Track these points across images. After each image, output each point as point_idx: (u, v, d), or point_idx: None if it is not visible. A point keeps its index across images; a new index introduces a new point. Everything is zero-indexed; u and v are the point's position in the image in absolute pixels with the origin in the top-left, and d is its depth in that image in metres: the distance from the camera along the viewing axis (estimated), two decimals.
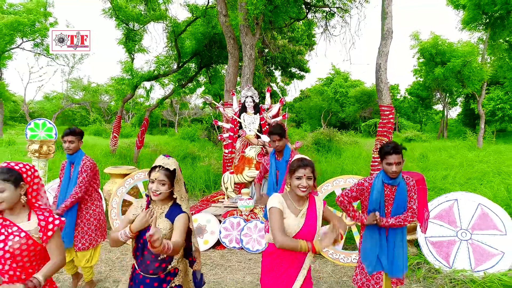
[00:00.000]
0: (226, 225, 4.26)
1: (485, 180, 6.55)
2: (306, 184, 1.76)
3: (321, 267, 3.65)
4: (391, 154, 2.10)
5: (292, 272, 1.82)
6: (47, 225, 1.59)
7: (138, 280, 1.66)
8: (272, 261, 1.87)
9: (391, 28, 5.84)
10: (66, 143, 2.91)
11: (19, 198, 1.57)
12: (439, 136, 26.59)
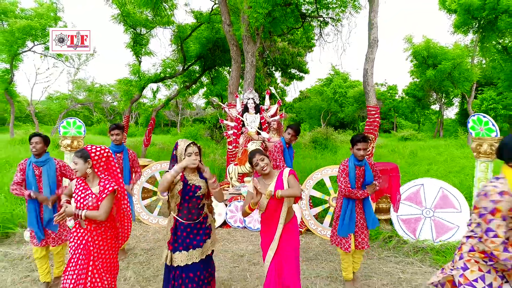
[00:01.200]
0: (231, 208, 5.00)
1: (463, 173, 7.28)
2: (263, 166, 2.47)
3: (311, 241, 4.39)
4: (360, 142, 2.84)
5: (274, 225, 2.50)
6: (104, 190, 2.31)
7: (184, 226, 2.38)
8: (262, 219, 2.60)
9: (377, 37, 6.57)
10: (114, 136, 3.68)
11: (87, 170, 2.30)
12: (436, 135, 27.26)
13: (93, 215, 2.22)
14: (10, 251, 3.88)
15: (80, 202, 2.26)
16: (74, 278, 2.26)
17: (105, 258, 2.35)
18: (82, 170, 2.26)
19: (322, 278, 3.29)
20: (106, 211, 2.24)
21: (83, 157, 2.27)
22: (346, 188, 2.89)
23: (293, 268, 2.48)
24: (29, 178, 2.95)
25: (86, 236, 2.29)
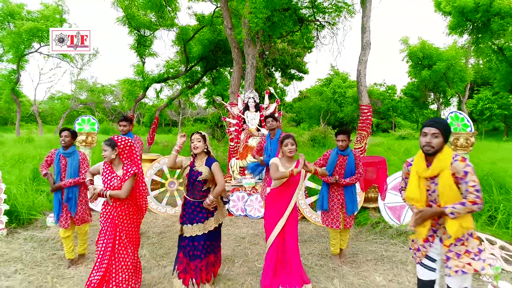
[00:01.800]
0: (233, 198, 5.45)
1: None
2: (290, 149, 2.90)
3: (306, 226, 4.83)
4: (339, 134, 3.30)
5: (283, 206, 2.94)
6: (126, 173, 2.76)
7: (190, 203, 2.83)
8: (271, 199, 3.01)
9: (369, 40, 7.00)
10: (121, 127, 4.12)
11: (114, 156, 2.74)
12: None
13: (116, 193, 2.68)
14: (36, 234, 4.32)
15: (107, 183, 2.71)
16: (104, 247, 2.71)
17: (128, 231, 2.80)
18: (110, 156, 2.71)
19: (314, 255, 3.74)
20: (127, 191, 2.69)
21: (111, 145, 2.73)
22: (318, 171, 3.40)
23: (295, 245, 2.92)
24: (55, 166, 3.39)
25: (113, 212, 2.74)
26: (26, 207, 4.77)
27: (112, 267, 2.70)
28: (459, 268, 1.99)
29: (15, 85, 18.59)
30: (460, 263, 2.00)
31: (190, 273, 2.81)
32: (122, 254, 2.76)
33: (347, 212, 3.43)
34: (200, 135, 2.85)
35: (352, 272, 3.29)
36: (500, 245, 3.67)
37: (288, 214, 2.90)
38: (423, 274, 2.20)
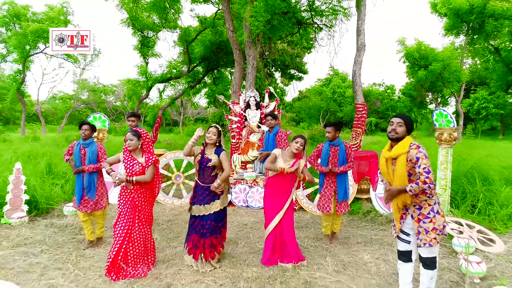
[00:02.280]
0: (235, 190, 5.83)
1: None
2: (298, 147, 3.27)
3: (303, 215, 5.21)
4: (327, 127, 3.71)
5: (283, 197, 3.32)
6: (148, 160, 3.16)
7: (200, 187, 3.21)
8: (272, 189, 3.37)
9: (364, 42, 7.38)
10: (130, 122, 4.51)
11: (138, 146, 3.14)
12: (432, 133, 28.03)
13: (142, 178, 3.09)
14: (55, 221, 4.71)
15: (129, 169, 3.10)
16: (123, 226, 3.10)
17: (145, 211, 3.20)
18: (135, 145, 3.12)
19: (310, 238, 4.12)
20: (150, 175, 3.12)
21: (137, 136, 3.13)
22: (310, 158, 3.86)
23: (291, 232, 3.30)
24: (75, 155, 3.77)
25: (133, 194, 3.13)
26: (44, 198, 5.16)
27: (130, 243, 3.09)
28: (427, 242, 2.39)
29: (20, 85, 18.98)
30: (428, 237, 2.39)
31: (200, 249, 3.20)
32: (140, 231, 3.15)
33: (338, 198, 3.81)
34: (217, 130, 3.24)
35: (343, 252, 3.67)
36: (477, 229, 4.06)
37: (286, 208, 3.28)
38: (401, 246, 2.59)
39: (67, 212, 5.02)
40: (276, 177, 3.31)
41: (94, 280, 2.96)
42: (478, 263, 2.96)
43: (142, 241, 3.16)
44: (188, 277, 3.01)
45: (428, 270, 2.46)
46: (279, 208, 3.30)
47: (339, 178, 3.83)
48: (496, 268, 3.21)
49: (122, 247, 3.04)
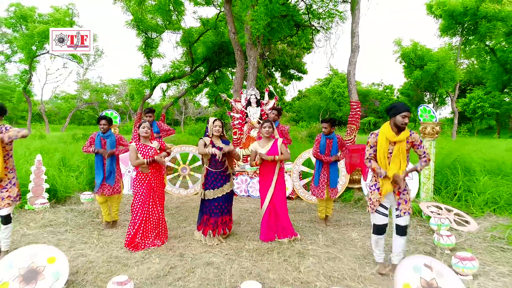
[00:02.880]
0: (237, 181, 6.30)
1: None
2: (267, 130, 3.75)
3: (300, 203, 5.69)
4: (323, 123, 4.16)
5: (270, 176, 3.79)
6: (163, 145, 3.65)
7: (212, 173, 3.67)
8: (262, 173, 3.86)
9: (358, 44, 7.84)
10: (147, 117, 4.97)
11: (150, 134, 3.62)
12: None
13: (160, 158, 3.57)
14: (74, 207, 5.18)
15: (145, 154, 3.58)
16: (140, 205, 3.57)
17: (159, 192, 3.68)
18: (148, 133, 3.60)
19: (304, 221, 4.59)
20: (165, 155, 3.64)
21: (149, 128, 3.61)
22: (316, 151, 4.25)
23: (283, 208, 3.78)
24: (96, 146, 4.23)
25: (149, 177, 3.60)
26: (62, 187, 5.63)
27: (147, 220, 3.57)
28: (406, 210, 2.86)
29: (27, 84, 19.47)
30: (407, 207, 2.87)
31: (208, 226, 3.67)
32: (154, 210, 3.63)
33: (330, 185, 4.28)
34: (221, 122, 3.72)
35: (334, 231, 4.14)
36: (455, 213, 4.52)
37: (274, 184, 3.76)
38: (379, 220, 3.04)
39: (84, 200, 5.49)
40: (263, 163, 3.79)
41: (116, 251, 3.43)
42: (448, 236, 3.43)
43: (156, 218, 3.64)
44: (197, 249, 3.47)
45: (403, 237, 2.93)
46: (269, 185, 3.78)
47: (332, 168, 4.30)
48: (466, 242, 3.67)
49: (142, 224, 3.51)
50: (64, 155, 7.45)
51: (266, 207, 3.79)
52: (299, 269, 3.01)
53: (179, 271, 2.95)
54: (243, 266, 3.04)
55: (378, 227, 3.04)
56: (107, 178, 4.20)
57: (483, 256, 3.29)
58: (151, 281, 2.75)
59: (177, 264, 3.10)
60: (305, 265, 3.08)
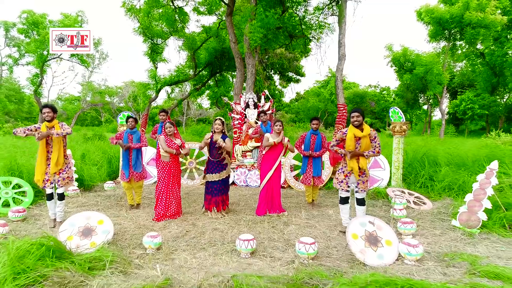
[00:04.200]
0: (237, 173, 7.29)
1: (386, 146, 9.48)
2: (278, 127, 4.74)
3: (290, 191, 6.66)
4: (313, 120, 5.13)
5: (272, 163, 4.78)
6: (183, 142, 4.64)
7: (212, 162, 4.66)
8: (267, 157, 4.83)
9: (345, 53, 8.83)
10: (161, 116, 5.96)
11: (173, 131, 4.61)
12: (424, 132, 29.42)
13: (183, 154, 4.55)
14: (100, 193, 6.17)
15: (170, 147, 4.57)
16: (164, 186, 4.56)
17: (177, 176, 4.67)
18: (172, 131, 4.58)
19: (292, 203, 5.57)
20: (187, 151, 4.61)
21: (173, 124, 4.60)
22: (297, 146, 5.23)
23: (278, 189, 4.76)
24: (124, 140, 5.21)
25: (169, 165, 4.59)
26: (88, 177, 6.63)
27: (168, 197, 4.56)
28: (363, 188, 3.84)
29: (38, 87, 20.49)
30: (364, 186, 3.85)
31: (212, 204, 4.66)
32: (173, 190, 4.62)
33: (313, 174, 5.25)
34: (221, 121, 4.70)
35: (315, 210, 5.12)
36: (416, 196, 5.50)
37: (274, 168, 4.75)
38: (344, 194, 4.02)
39: (107, 188, 6.48)
40: (270, 149, 4.78)
41: (143, 221, 4.42)
42: (400, 209, 4.41)
43: (175, 197, 4.63)
44: (206, 220, 4.46)
45: (362, 206, 3.91)
46: (271, 167, 4.77)
47: (315, 161, 5.27)
48: (417, 216, 4.65)
49: (164, 201, 4.51)
50: (84, 152, 8.44)
51: (264, 185, 4.77)
52: (283, 232, 3.99)
53: (192, 234, 3.93)
54: (241, 231, 4.01)
55: (342, 199, 4.03)
56: (134, 167, 5.15)
57: (425, 223, 4.28)
58: (173, 239, 3.74)
59: (191, 230, 4.09)
60: (288, 230, 4.06)
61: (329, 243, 3.66)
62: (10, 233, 3.81)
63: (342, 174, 4.05)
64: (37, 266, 2.55)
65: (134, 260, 3.11)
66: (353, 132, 3.92)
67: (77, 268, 2.66)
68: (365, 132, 3.84)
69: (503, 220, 3.93)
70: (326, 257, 3.26)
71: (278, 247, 3.51)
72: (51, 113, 4.05)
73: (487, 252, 3.34)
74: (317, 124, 5.20)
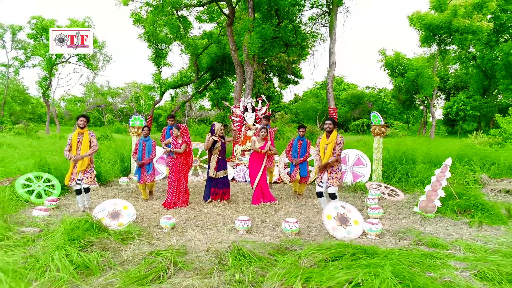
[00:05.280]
0: (237, 169, 8.14)
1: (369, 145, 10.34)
2: (263, 134, 5.60)
3: (283, 186, 7.52)
4: (299, 128, 5.98)
5: (260, 164, 5.65)
6: (182, 143, 5.50)
7: (221, 160, 5.52)
8: (253, 160, 5.71)
9: (335, 61, 9.70)
10: (170, 121, 6.81)
11: (178, 133, 5.47)
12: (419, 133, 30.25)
13: (178, 150, 5.39)
14: (116, 187, 7.03)
15: (174, 146, 5.43)
16: (173, 179, 5.42)
17: (184, 171, 5.53)
18: (177, 133, 5.44)
19: (284, 195, 6.43)
20: (182, 150, 5.45)
21: (178, 128, 5.46)
22: (287, 152, 6.07)
23: (266, 184, 5.62)
24: (139, 147, 6.07)
25: (176, 161, 5.45)
26: (104, 173, 7.49)
27: (177, 188, 5.42)
28: (333, 184, 4.69)
29: (46, 89, 21.39)
30: (333, 181, 4.68)
31: (217, 196, 5.52)
32: (181, 183, 5.48)
33: (300, 174, 6.08)
34: (224, 126, 5.57)
35: (303, 200, 5.98)
36: (391, 189, 6.34)
37: (261, 171, 5.61)
38: (318, 189, 4.86)
39: (122, 183, 7.34)
40: (255, 153, 5.64)
41: (157, 209, 5.28)
42: (373, 199, 5.26)
43: (183, 188, 5.49)
44: (210, 208, 5.32)
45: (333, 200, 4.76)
46: (258, 171, 5.62)
47: (301, 164, 6.10)
48: (387, 204, 5.50)
49: (174, 191, 5.37)
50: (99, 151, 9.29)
51: (256, 185, 5.63)
52: (274, 216, 4.85)
53: (199, 218, 4.79)
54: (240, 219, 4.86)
55: (317, 193, 4.87)
56: (147, 173, 6.00)
57: (393, 210, 5.13)
58: (184, 222, 4.59)
59: (197, 215, 4.94)
60: (278, 215, 4.92)
61: (310, 224, 4.51)
62: (50, 217, 4.67)
63: (316, 172, 4.90)
64: (85, 236, 3.41)
65: (155, 235, 3.96)
66: (322, 138, 4.76)
67: (114, 238, 3.52)
68: (330, 139, 4.66)
69: (454, 207, 4.78)
70: (306, 234, 4.11)
71: (268, 227, 4.36)
72: (85, 122, 4.95)
73: (435, 230, 4.19)
74: (303, 131, 6.03)
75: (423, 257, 3.10)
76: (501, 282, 2.64)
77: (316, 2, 10.38)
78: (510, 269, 2.74)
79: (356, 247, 3.19)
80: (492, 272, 2.74)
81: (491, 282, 2.66)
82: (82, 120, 4.91)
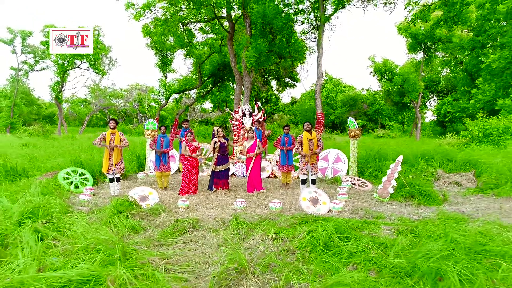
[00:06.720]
0: (236, 166, 9.55)
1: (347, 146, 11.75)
2: (250, 135, 7.02)
3: (275, 180, 8.92)
4: (284, 127, 7.42)
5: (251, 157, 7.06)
6: (199, 145, 6.92)
7: (220, 156, 6.93)
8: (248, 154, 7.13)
9: (322, 71, 11.09)
10: (185, 124, 8.23)
11: (193, 137, 6.90)
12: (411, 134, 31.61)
13: (194, 155, 6.82)
14: (135, 180, 8.44)
15: (191, 148, 6.84)
16: (187, 171, 6.84)
17: (196, 166, 6.94)
18: (192, 138, 6.86)
19: (275, 187, 7.83)
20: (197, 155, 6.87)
21: (192, 134, 6.89)
22: (276, 144, 7.49)
23: (258, 175, 7.03)
24: (158, 142, 7.48)
25: (190, 160, 6.87)
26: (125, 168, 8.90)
27: (189, 179, 6.84)
28: (315, 173, 6.12)
29: (58, 93, 22.81)
30: (315, 171, 6.12)
31: (219, 186, 6.94)
32: (193, 175, 6.90)
33: (288, 163, 7.50)
34: (222, 129, 6.98)
35: (289, 190, 7.38)
36: (362, 181, 7.75)
37: (253, 161, 7.02)
38: (303, 177, 6.29)
39: (140, 177, 8.75)
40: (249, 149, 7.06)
41: (173, 196, 6.69)
42: (343, 188, 6.66)
43: (194, 180, 6.90)
44: (214, 195, 6.73)
45: (314, 184, 6.17)
46: (249, 162, 7.04)
47: (289, 153, 7.53)
48: (356, 192, 6.89)
49: (187, 181, 6.79)
50: None
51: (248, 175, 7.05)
52: (265, 200, 6.26)
53: (206, 202, 6.20)
54: (238, 200, 6.27)
55: (302, 180, 6.29)
56: (164, 162, 7.41)
57: (359, 196, 6.53)
58: (194, 205, 6.00)
59: (204, 200, 6.35)
60: (268, 200, 6.32)
61: (291, 206, 5.92)
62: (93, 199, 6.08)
63: (302, 164, 6.33)
64: (127, 210, 4.81)
65: (174, 212, 5.37)
66: (306, 136, 6.20)
67: (148, 212, 4.93)
68: (312, 136, 6.12)
69: (403, 193, 6.18)
70: (287, 211, 5.51)
71: (260, 208, 5.77)
72: (115, 124, 6.35)
73: (384, 209, 5.58)
74: (288, 129, 7.48)
75: (365, 224, 4.51)
76: (408, 235, 4.03)
77: (306, 18, 11.78)
78: (416, 227, 4.14)
79: (318, 217, 4.59)
80: (405, 230, 4.14)
81: (402, 234, 4.06)
82: (113, 123, 6.32)
